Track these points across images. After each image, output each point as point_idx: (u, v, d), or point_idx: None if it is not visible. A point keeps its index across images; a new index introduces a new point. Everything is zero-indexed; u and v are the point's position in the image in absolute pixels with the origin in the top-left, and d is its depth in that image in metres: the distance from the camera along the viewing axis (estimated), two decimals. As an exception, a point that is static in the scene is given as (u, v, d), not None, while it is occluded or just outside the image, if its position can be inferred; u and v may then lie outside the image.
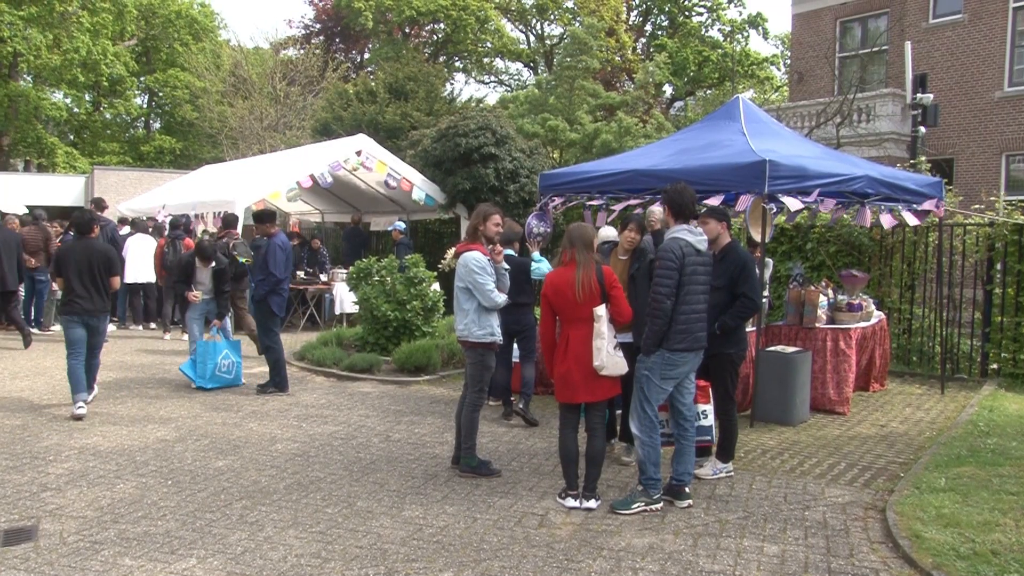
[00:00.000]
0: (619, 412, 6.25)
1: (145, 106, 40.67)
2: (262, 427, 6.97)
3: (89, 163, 32.35)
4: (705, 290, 5.07)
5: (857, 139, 17.91)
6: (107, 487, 5.30)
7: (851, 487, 5.49)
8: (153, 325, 13.53)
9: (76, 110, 36.51)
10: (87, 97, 36.95)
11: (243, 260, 10.21)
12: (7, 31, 29.19)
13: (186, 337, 11.61)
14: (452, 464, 5.82)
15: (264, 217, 8.50)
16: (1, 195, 21.13)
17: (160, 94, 39.03)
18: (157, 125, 41.21)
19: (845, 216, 8.72)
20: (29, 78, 34.44)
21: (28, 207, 13.46)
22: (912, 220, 8.30)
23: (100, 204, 12.31)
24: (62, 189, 24.72)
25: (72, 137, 37.71)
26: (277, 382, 8.38)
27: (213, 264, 8.71)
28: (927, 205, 8.28)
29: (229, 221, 11.13)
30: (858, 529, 4.72)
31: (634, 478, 5.64)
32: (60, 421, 7.03)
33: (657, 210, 6.79)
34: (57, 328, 13.08)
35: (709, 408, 5.78)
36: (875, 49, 19.24)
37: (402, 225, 13.74)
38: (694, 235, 5.04)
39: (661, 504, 5.00)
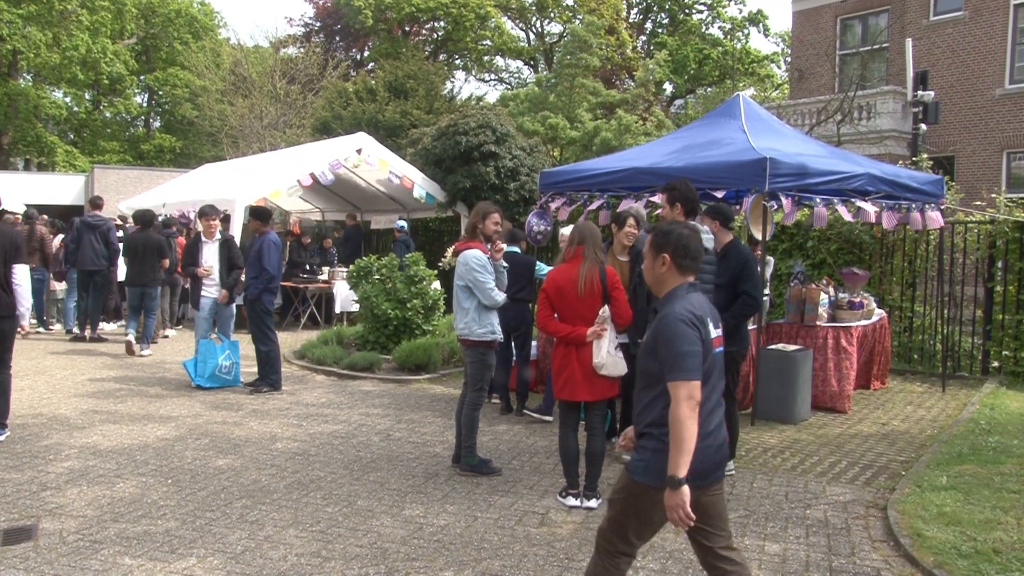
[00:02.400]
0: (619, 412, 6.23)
1: (145, 105, 40.68)
2: (262, 426, 6.96)
3: (89, 162, 32.36)
4: (709, 289, 5.03)
5: (858, 137, 17.89)
6: (107, 486, 5.29)
7: (852, 485, 5.48)
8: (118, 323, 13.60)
9: (76, 109, 36.52)
10: (87, 96, 36.97)
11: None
12: (6, 29, 29.19)
13: (171, 332, 11.66)
14: (453, 463, 5.81)
15: (258, 214, 8.51)
16: (1, 194, 21.12)
17: (160, 93, 39.04)
18: (157, 124, 41.23)
19: (845, 215, 8.71)
20: (29, 76, 34.45)
21: (27, 206, 13.40)
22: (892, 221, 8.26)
23: (96, 203, 12.28)
24: (62, 188, 24.74)
25: (72, 136, 37.73)
26: (272, 380, 8.37)
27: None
28: (931, 217, 8.32)
29: (96, 203, 12.31)
30: (859, 528, 4.71)
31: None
32: (60, 420, 7.03)
33: (637, 207, 6.86)
34: (57, 327, 13.08)
35: None
36: (876, 46, 19.20)
37: (401, 224, 13.73)
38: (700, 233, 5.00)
39: None
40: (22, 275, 6.21)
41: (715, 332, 3.07)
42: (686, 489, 2.82)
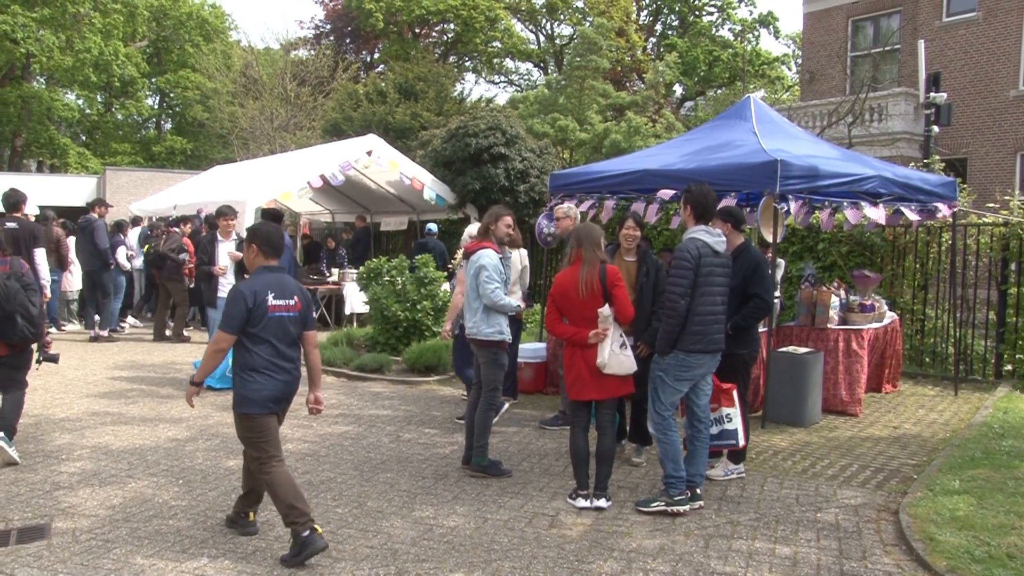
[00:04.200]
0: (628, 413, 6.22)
1: (156, 107, 40.93)
2: (273, 427, 6.97)
3: (101, 163, 32.56)
4: (723, 292, 4.99)
5: (869, 139, 17.81)
6: (119, 486, 5.32)
7: (864, 489, 5.45)
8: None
9: (88, 111, 36.78)
10: (99, 98, 37.21)
11: None
12: (20, 32, 29.41)
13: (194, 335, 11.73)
14: (462, 464, 5.81)
15: (270, 216, 8.56)
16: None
17: (171, 95, 39.28)
18: (168, 126, 41.47)
19: (860, 219, 8.68)
20: (42, 79, 34.72)
21: (40, 207, 13.53)
22: (914, 217, 8.18)
23: (92, 205, 12.39)
24: (74, 190, 24.85)
25: (84, 138, 37.99)
26: None
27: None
28: (941, 208, 8.23)
29: (92, 205, 12.31)
30: (871, 531, 4.68)
31: (644, 479, 5.64)
32: (72, 420, 7.07)
33: (564, 207, 7.14)
34: (69, 328, 13.16)
35: (734, 411, 5.35)
36: (887, 48, 19.11)
37: (431, 226, 13.57)
38: (712, 236, 4.97)
39: (686, 508, 4.88)
40: (40, 258, 7.69)
41: (280, 302, 4.15)
42: (194, 388, 4.31)
